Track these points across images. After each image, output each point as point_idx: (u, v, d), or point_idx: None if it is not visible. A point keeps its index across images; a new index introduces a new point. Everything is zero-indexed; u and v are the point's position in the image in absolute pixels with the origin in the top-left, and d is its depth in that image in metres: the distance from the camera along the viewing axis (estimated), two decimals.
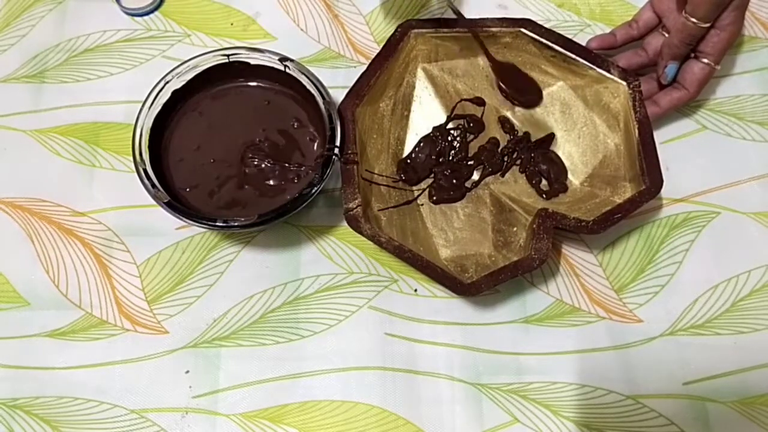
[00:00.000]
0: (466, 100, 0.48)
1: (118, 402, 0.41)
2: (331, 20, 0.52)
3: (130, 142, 0.41)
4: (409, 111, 0.48)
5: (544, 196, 0.46)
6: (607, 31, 0.49)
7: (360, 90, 0.44)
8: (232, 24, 0.52)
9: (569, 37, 0.46)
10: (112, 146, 0.48)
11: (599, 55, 0.46)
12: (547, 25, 0.47)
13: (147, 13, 0.52)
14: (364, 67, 0.45)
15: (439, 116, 0.48)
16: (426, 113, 0.48)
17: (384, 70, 0.46)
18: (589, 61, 0.46)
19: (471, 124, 0.48)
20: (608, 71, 0.45)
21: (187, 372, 0.42)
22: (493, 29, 0.47)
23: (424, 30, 0.47)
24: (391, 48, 0.46)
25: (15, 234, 0.46)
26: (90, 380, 0.42)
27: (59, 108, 0.49)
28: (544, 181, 0.46)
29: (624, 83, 0.45)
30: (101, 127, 0.49)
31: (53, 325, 0.43)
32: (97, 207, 0.46)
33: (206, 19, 0.52)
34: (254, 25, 0.52)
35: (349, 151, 0.41)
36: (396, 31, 0.46)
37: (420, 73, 0.48)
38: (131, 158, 0.41)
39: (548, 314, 0.44)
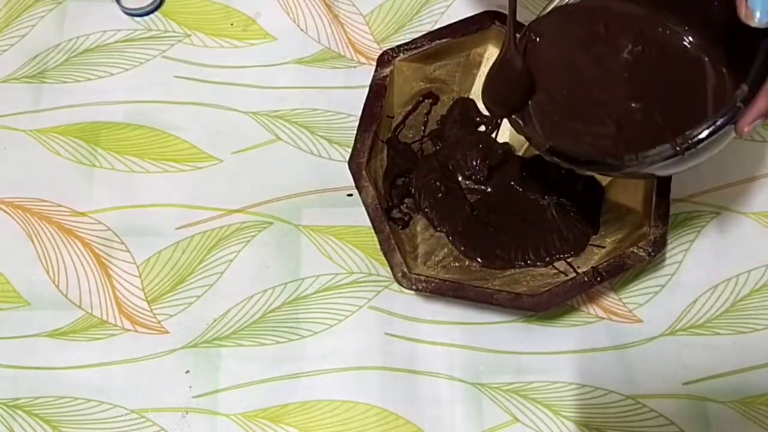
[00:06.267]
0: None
1: (118, 402, 0.41)
2: (331, 20, 0.52)
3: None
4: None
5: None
6: None
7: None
8: (232, 24, 0.52)
9: None
10: (112, 146, 0.48)
11: None
12: None
13: (147, 13, 0.52)
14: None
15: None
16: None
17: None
18: None
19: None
20: None
21: (187, 372, 0.42)
22: None
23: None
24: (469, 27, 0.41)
25: (15, 234, 0.46)
26: (90, 380, 0.42)
27: (59, 108, 0.49)
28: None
29: None
30: (101, 127, 0.49)
31: (53, 325, 0.43)
32: (97, 207, 0.46)
33: (206, 19, 0.52)
34: (254, 25, 0.52)
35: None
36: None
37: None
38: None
39: (548, 314, 0.44)
